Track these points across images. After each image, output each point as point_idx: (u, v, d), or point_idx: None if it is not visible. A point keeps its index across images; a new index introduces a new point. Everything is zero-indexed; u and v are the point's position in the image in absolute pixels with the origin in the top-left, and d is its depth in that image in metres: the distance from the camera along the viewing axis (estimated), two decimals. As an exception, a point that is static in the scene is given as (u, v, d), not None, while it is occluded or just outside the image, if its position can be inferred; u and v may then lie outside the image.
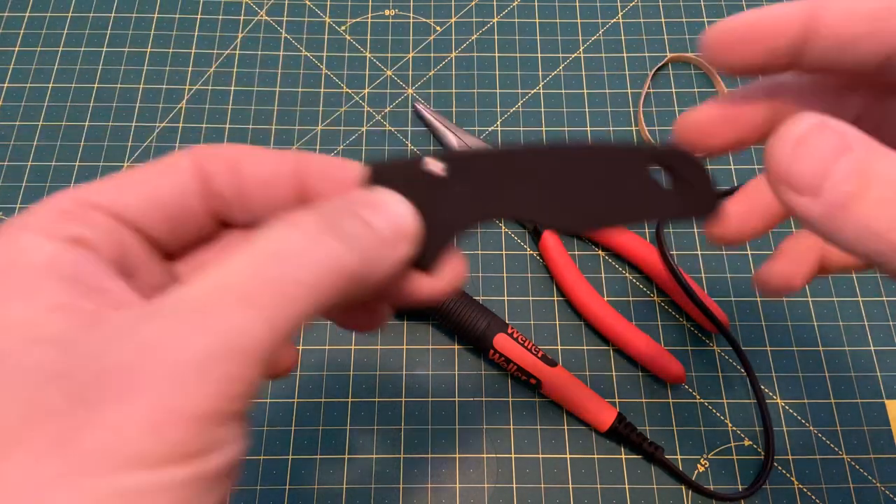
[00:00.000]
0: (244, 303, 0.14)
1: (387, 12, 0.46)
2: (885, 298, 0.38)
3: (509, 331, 0.35)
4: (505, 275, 0.38)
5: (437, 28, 0.46)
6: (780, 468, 0.34)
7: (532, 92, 0.43)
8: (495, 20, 0.46)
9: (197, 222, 0.18)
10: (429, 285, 0.18)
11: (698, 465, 0.34)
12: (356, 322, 0.20)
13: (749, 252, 0.39)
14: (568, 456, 0.34)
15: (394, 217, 0.17)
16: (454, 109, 0.43)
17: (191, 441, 0.12)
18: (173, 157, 0.18)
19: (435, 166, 0.18)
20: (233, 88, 0.43)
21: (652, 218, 0.18)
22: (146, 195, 0.17)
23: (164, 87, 0.43)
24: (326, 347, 0.37)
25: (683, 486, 0.34)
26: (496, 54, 0.45)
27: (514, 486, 0.34)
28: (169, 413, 0.12)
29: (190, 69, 0.44)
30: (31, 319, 0.13)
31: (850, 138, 0.15)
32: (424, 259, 0.18)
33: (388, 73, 0.44)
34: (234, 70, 0.44)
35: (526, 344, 0.35)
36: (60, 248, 0.15)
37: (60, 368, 0.13)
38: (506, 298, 0.38)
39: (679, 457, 0.34)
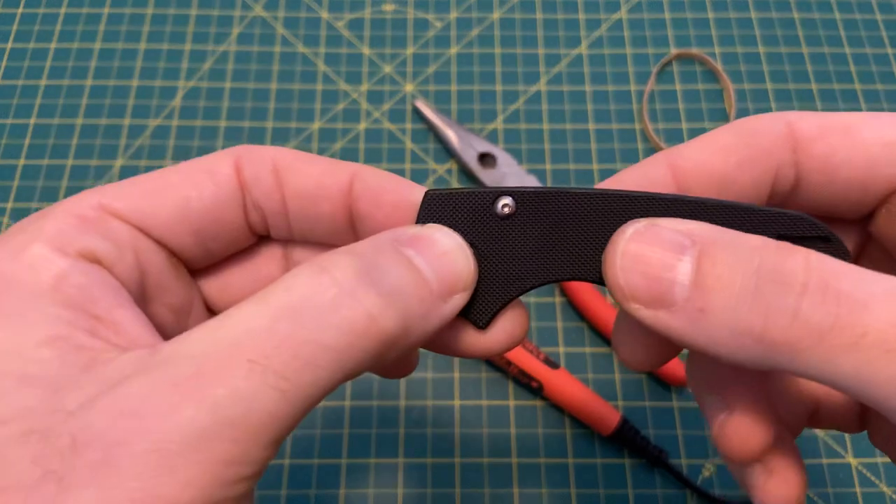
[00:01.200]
0: (254, 368, 0.11)
1: (385, 7, 0.45)
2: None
3: None
4: (506, 276, 0.38)
5: (437, 24, 0.45)
6: (786, 473, 0.34)
7: (534, 89, 0.43)
8: (496, 16, 0.45)
9: (231, 235, 0.16)
10: (479, 343, 0.16)
11: (703, 470, 0.34)
12: (386, 371, 0.18)
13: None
14: (570, 460, 0.34)
15: (446, 263, 0.14)
16: (454, 107, 0.42)
17: None
18: (212, 160, 0.16)
19: (503, 203, 0.15)
20: (228, 85, 0.43)
21: None
22: (176, 205, 0.15)
23: (158, 83, 0.43)
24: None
25: (688, 491, 0.33)
26: (497, 50, 0.44)
27: (516, 491, 0.33)
28: (151, 502, 0.10)
29: (184, 65, 0.43)
30: (21, 352, 0.12)
31: (685, 233, 0.13)
32: (476, 314, 0.15)
33: (387, 69, 0.43)
34: (230, 66, 0.43)
35: (527, 346, 0.34)
36: (71, 266, 0.13)
37: (39, 423, 0.11)
38: (507, 300, 0.37)
39: (684, 461, 0.34)
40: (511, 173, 0.39)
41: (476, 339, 0.16)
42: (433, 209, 0.15)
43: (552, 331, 0.37)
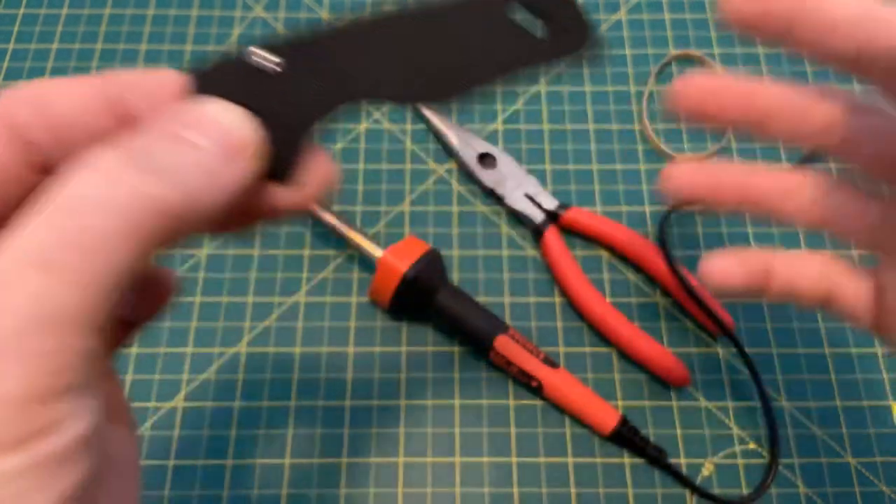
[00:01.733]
0: (42, 268, 0.12)
1: (386, 8, 0.45)
2: (891, 299, 0.37)
3: (510, 332, 0.34)
4: (506, 276, 0.38)
5: (437, 24, 0.45)
6: (785, 472, 0.34)
7: (533, 90, 0.43)
8: (496, 16, 0.45)
9: (19, 181, 0.16)
10: (291, 197, 0.16)
11: (703, 470, 0.34)
12: (224, 229, 0.18)
13: (754, 252, 0.39)
14: (570, 460, 0.34)
15: (225, 131, 0.14)
16: (454, 107, 0.42)
17: (17, 426, 0.11)
18: None
19: (265, 60, 0.15)
20: (229, 86, 0.43)
21: (525, 66, 0.16)
22: None
23: (160, 84, 0.43)
24: (324, 350, 0.36)
25: (688, 491, 0.33)
26: (497, 51, 0.44)
27: (516, 490, 0.33)
28: None
29: (185, 66, 0.43)
30: None
31: None
32: (280, 169, 0.16)
33: (387, 70, 0.43)
34: (231, 67, 0.43)
35: (527, 346, 0.34)
36: None
37: None
38: (506, 300, 0.37)
39: (683, 461, 0.34)
40: (511, 174, 0.39)
41: (288, 195, 0.16)
42: (203, 87, 0.15)
43: (552, 331, 0.37)
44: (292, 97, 0.15)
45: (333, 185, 0.17)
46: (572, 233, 0.39)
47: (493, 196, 0.40)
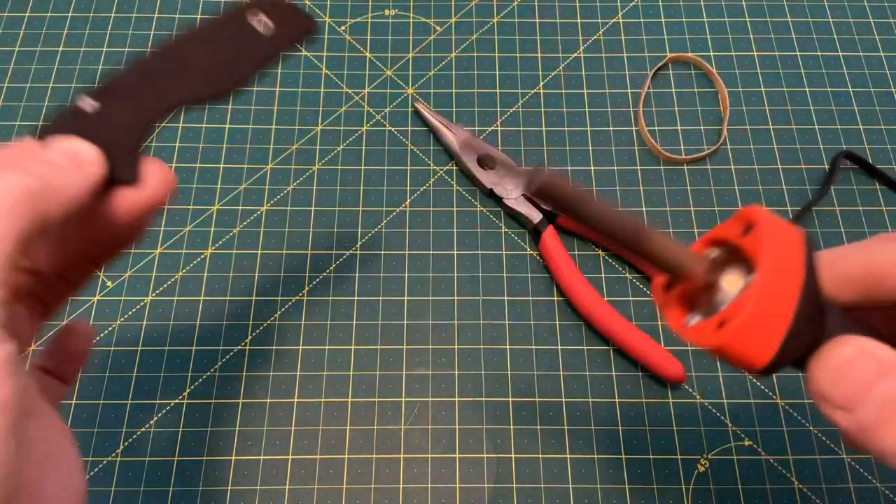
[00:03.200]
0: None
1: (387, 12, 0.46)
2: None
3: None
4: (505, 275, 0.38)
5: (437, 28, 0.46)
6: (780, 468, 0.34)
7: (532, 92, 0.43)
8: (495, 20, 0.46)
9: None
10: (136, 195, 0.21)
11: (698, 466, 0.34)
12: (101, 243, 0.23)
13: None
14: (568, 456, 0.34)
15: (66, 148, 0.20)
16: (454, 109, 0.43)
17: None
18: None
19: (87, 104, 0.21)
20: (233, 88, 0.43)
21: (275, 54, 0.23)
22: None
23: (164, 87, 0.43)
24: (326, 347, 0.37)
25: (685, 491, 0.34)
26: (496, 54, 0.45)
27: (514, 486, 0.34)
28: None
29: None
30: None
31: (888, 364, 0.17)
32: (121, 174, 0.21)
33: (388, 72, 0.44)
34: (234, 70, 0.44)
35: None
36: None
37: None
38: (506, 298, 0.38)
39: (679, 457, 0.34)
40: (510, 174, 0.40)
41: (134, 193, 0.21)
42: (46, 134, 0.21)
43: (550, 329, 0.37)
44: (113, 123, 0.21)
45: (173, 184, 0.22)
46: (570, 233, 0.39)
47: (492, 196, 0.40)
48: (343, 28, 0.45)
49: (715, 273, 0.20)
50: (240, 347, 0.37)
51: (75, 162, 0.20)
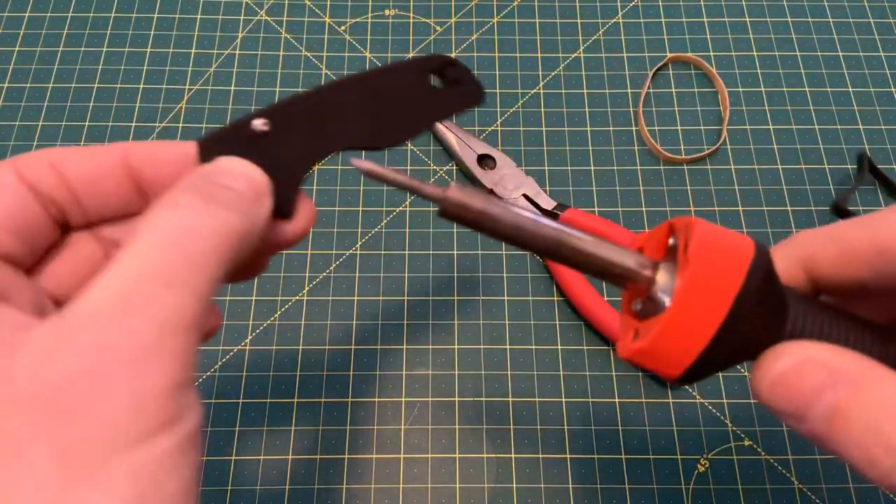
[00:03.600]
0: (170, 284, 0.15)
1: (387, 12, 0.46)
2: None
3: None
4: (505, 275, 0.38)
5: (437, 28, 0.46)
6: (780, 468, 0.34)
7: (532, 92, 0.44)
8: (495, 20, 0.46)
9: (44, 231, 0.18)
10: (292, 229, 0.20)
11: (698, 466, 0.34)
12: (242, 275, 0.22)
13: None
14: (568, 456, 0.34)
15: (247, 177, 0.18)
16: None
17: (166, 411, 0.14)
18: None
19: (259, 124, 0.19)
20: (233, 88, 0.43)
21: (441, 117, 0.21)
22: None
23: (164, 87, 0.43)
24: (326, 348, 0.37)
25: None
26: (496, 54, 0.45)
27: (514, 486, 0.34)
28: (144, 392, 0.14)
29: (190, 69, 0.44)
30: None
31: (838, 373, 0.16)
32: (280, 208, 0.20)
33: (388, 73, 0.44)
34: (234, 70, 0.44)
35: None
36: None
37: (16, 396, 0.13)
38: (506, 298, 0.38)
39: (679, 457, 0.34)
40: (510, 175, 0.40)
41: (292, 227, 0.20)
42: (209, 151, 0.19)
43: (550, 329, 0.37)
44: (283, 151, 0.19)
45: (314, 218, 0.21)
46: (570, 233, 0.39)
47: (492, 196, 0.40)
48: (343, 28, 0.45)
49: (658, 273, 0.19)
50: (240, 347, 0.37)
51: (257, 193, 0.18)
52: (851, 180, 0.41)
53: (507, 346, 0.37)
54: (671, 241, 0.19)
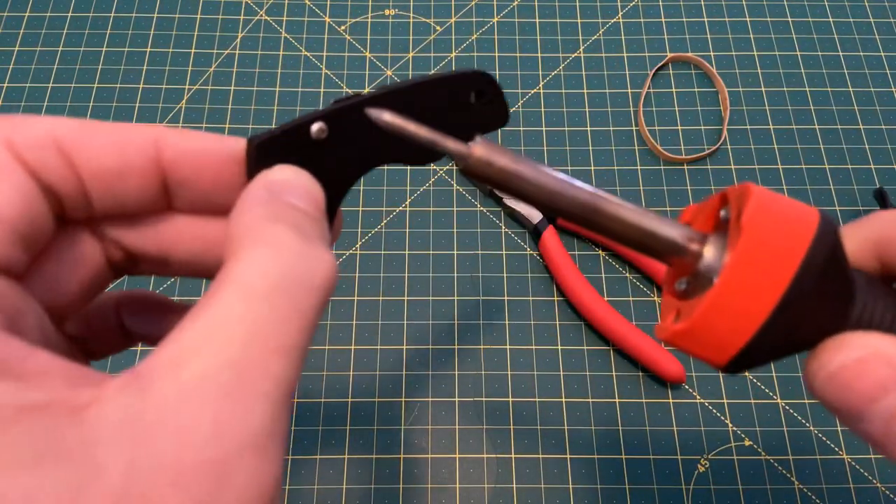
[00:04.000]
0: (281, 350, 0.12)
1: (387, 12, 0.46)
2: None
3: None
4: (505, 275, 0.38)
5: (437, 28, 0.45)
6: (780, 468, 0.34)
7: (532, 92, 0.43)
8: (495, 20, 0.46)
9: (44, 230, 0.14)
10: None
11: (699, 466, 0.34)
12: None
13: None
14: (568, 456, 0.34)
15: (312, 195, 0.15)
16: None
17: None
18: None
19: (317, 128, 0.17)
20: (232, 88, 0.43)
21: (472, 135, 0.19)
22: None
23: (164, 87, 0.43)
24: (326, 348, 0.37)
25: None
26: (496, 54, 0.45)
27: (514, 486, 0.34)
28: (262, 493, 0.12)
29: (189, 69, 0.44)
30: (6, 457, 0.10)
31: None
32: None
33: (388, 72, 0.44)
34: (234, 70, 0.44)
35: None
36: None
37: (108, 496, 0.10)
38: (506, 298, 0.38)
39: (679, 457, 0.34)
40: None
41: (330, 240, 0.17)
42: (262, 154, 0.16)
43: (550, 329, 0.37)
44: (335, 160, 0.17)
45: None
46: (570, 233, 0.39)
47: (492, 196, 0.40)
48: (343, 28, 0.45)
49: (707, 247, 0.17)
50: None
51: (321, 213, 0.15)
52: (852, 180, 0.41)
53: (507, 346, 0.37)
54: (723, 213, 0.17)
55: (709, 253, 0.17)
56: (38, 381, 0.11)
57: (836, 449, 0.35)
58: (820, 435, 0.35)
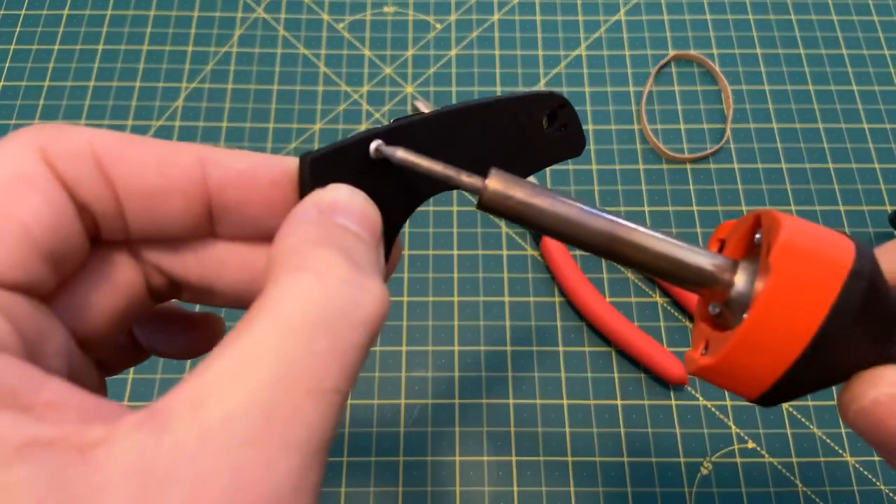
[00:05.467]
0: (317, 392, 0.11)
1: (386, 9, 0.46)
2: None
3: None
4: (506, 275, 0.38)
5: (437, 25, 0.45)
6: (783, 471, 0.34)
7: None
8: (496, 17, 0.45)
9: (77, 250, 0.13)
10: (385, 273, 0.16)
11: (701, 468, 0.34)
12: None
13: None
14: (569, 459, 0.34)
15: (367, 218, 0.14)
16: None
17: None
18: (15, 163, 0.12)
19: (377, 147, 0.16)
20: (230, 86, 0.43)
21: (543, 164, 0.18)
22: (18, 239, 0.12)
23: (161, 84, 0.43)
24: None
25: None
26: (497, 52, 0.44)
27: (515, 489, 0.33)
28: None
29: (187, 67, 0.43)
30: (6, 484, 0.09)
31: None
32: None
33: (388, 70, 0.44)
34: (232, 68, 0.43)
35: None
36: None
37: None
38: (507, 299, 0.37)
39: (682, 460, 0.34)
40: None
41: (385, 271, 0.16)
42: (316, 172, 0.15)
43: (552, 329, 0.37)
44: (395, 183, 0.16)
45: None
46: (572, 232, 0.39)
47: (492, 196, 0.40)
48: (342, 25, 0.45)
49: (738, 275, 0.16)
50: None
51: (376, 239, 0.14)
52: (856, 179, 0.41)
53: (508, 348, 0.36)
54: (757, 236, 0.17)
55: (740, 281, 0.16)
56: (49, 414, 0.10)
57: (840, 451, 0.34)
58: (824, 437, 0.35)
